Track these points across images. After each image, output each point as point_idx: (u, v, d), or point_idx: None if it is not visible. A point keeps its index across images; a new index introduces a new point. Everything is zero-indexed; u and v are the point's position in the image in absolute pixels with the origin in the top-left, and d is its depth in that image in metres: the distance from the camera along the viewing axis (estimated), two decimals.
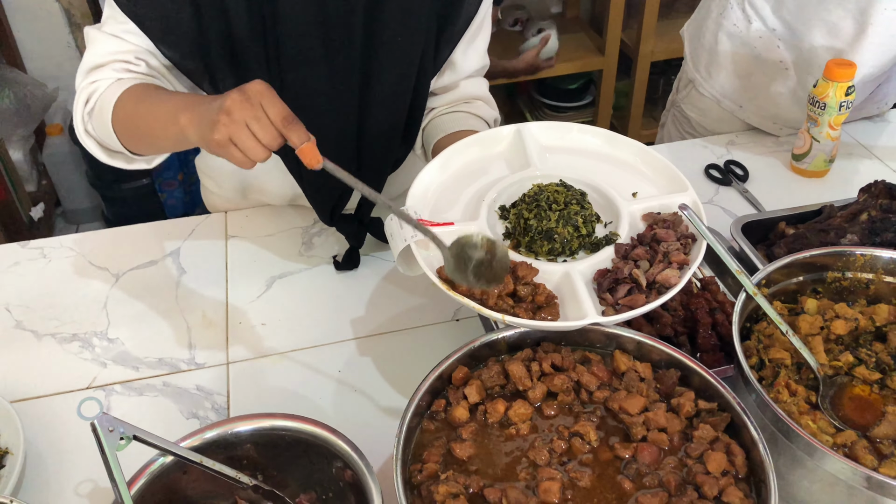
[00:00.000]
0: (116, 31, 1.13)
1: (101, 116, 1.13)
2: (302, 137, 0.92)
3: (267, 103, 0.90)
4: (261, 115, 0.90)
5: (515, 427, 0.90)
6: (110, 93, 1.11)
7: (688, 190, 1.07)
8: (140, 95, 1.10)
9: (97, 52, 1.15)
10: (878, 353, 0.99)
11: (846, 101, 1.44)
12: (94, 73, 1.14)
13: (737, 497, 0.80)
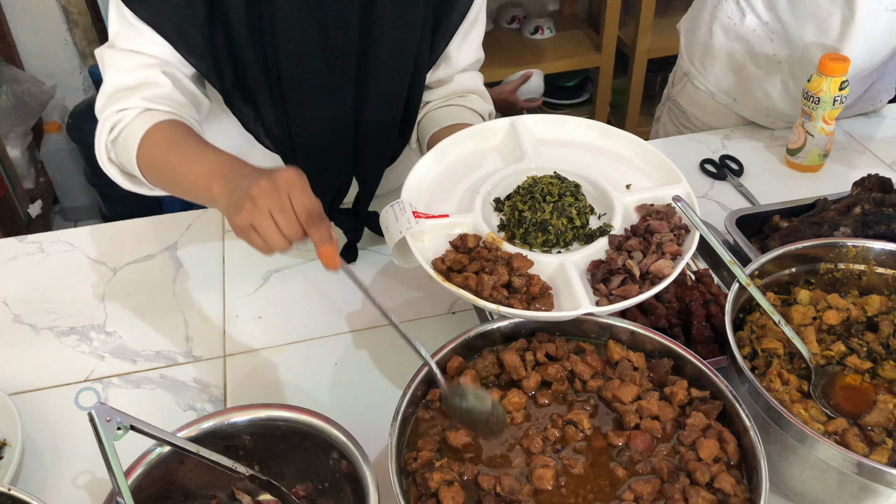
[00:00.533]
0: (132, 46, 1.11)
1: (125, 149, 1.10)
2: (324, 238, 0.90)
3: (295, 195, 0.89)
4: (287, 206, 0.88)
5: (510, 416, 0.91)
6: (137, 127, 1.08)
7: (681, 182, 1.08)
8: (171, 142, 1.07)
9: (119, 70, 1.12)
10: (869, 343, 1.00)
11: (840, 95, 1.45)
12: (122, 100, 1.10)
13: (728, 483, 0.81)
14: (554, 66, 3.03)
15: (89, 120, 2.72)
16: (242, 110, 1.22)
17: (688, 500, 0.80)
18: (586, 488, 0.83)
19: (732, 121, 1.72)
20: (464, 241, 1.04)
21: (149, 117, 1.09)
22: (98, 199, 2.94)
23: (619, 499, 0.81)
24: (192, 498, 0.98)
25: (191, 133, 1.10)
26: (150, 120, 1.09)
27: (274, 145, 1.27)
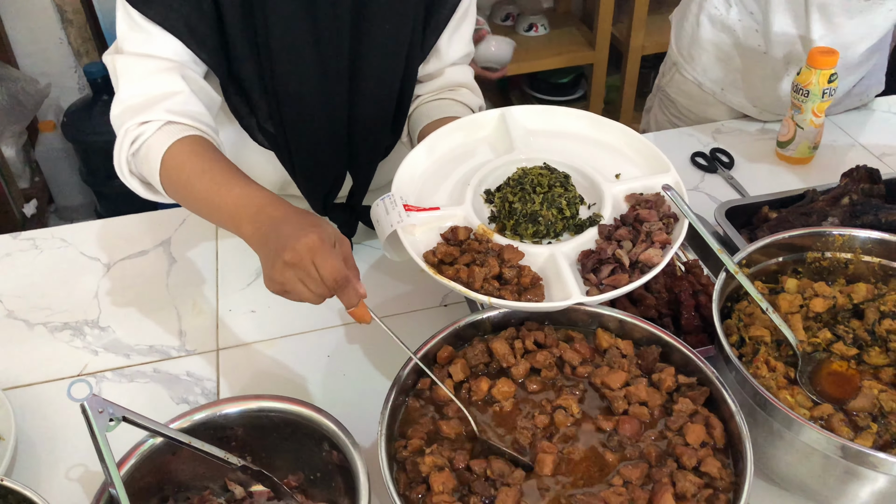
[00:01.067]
0: (143, 49, 1.09)
1: (147, 163, 1.08)
2: (352, 301, 0.92)
3: (319, 262, 0.89)
4: (313, 273, 0.89)
5: (499, 405, 0.91)
6: (159, 142, 1.06)
7: (670, 170, 1.08)
8: (196, 167, 1.05)
9: (133, 78, 1.09)
10: (855, 330, 1.01)
11: (829, 88, 1.46)
12: (144, 112, 1.07)
13: (715, 467, 0.82)
14: (548, 63, 3.04)
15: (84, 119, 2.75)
16: (237, 106, 1.23)
17: (675, 484, 0.81)
18: (576, 473, 0.84)
19: (720, 111, 1.73)
20: (455, 234, 1.05)
21: (171, 132, 1.07)
22: (94, 199, 2.94)
23: (609, 483, 0.82)
24: (184, 489, 0.98)
25: (215, 155, 1.07)
26: (172, 136, 1.06)
27: (268, 141, 1.27)
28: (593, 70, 3.10)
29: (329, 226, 0.94)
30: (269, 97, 1.20)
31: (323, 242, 0.89)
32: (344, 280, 0.90)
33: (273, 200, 0.99)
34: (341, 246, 0.92)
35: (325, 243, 0.89)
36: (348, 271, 0.91)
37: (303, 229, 0.90)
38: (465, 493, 0.83)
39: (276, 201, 0.98)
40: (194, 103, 1.11)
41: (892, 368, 0.98)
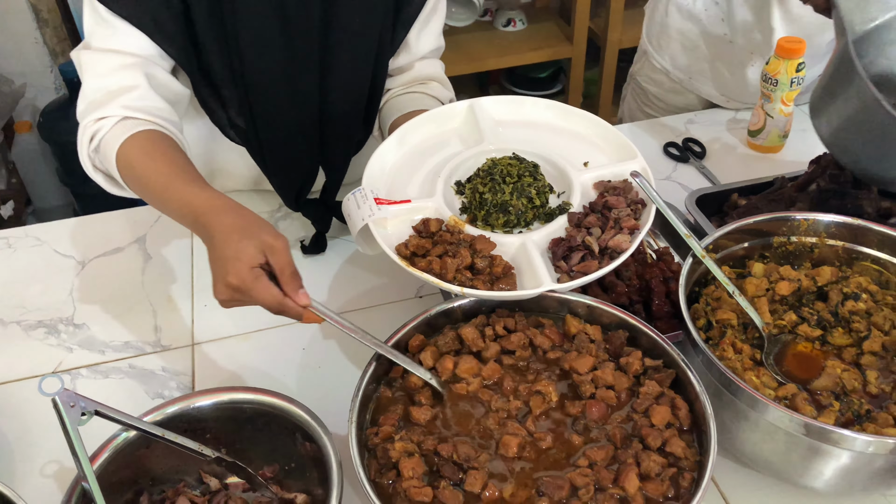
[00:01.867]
0: (109, 44, 1.10)
1: (107, 159, 1.10)
2: (297, 316, 0.93)
3: (252, 297, 0.91)
4: (252, 302, 0.92)
5: (466, 381, 0.92)
6: (114, 137, 1.08)
7: (637, 157, 1.10)
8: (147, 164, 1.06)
9: (96, 73, 1.11)
10: (819, 312, 1.03)
11: (797, 77, 1.48)
12: (101, 108, 1.09)
13: (679, 447, 0.83)
14: (527, 58, 3.05)
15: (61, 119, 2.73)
16: (208, 101, 1.23)
17: (640, 464, 0.82)
18: (543, 456, 0.85)
19: (689, 99, 1.76)
20: (426, 226, 1.06)
21: (127, 127, 1.08)
22: (72, 199, 2.93)
23: (574, 465, 0.84)
24: (159, 483, 0.99)
25: (167, 151, 1.08)
26: (128, 131, 1.08)
27: (239, 136, 1.28)
28: (571, 64, 3.11)
29: (254, 239, 0.92)
30: (239, 91, 1.20)
31: (243, 281, 0.90)
32: (279, 306, 0.91)
33: (206, 209, 0.98)
34: (273, 256, 0.92)
35: (245, 281, 0.90)
36: (284, 287, 0.91)
37: (223, 266, 0.91)
38: (434, 477, 0.84)
39: (215, 212, 0.97)
40: (153, 98, 1.11)
41: (854, 348, 1.00)
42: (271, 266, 0.92)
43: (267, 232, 0.93)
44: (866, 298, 1.03)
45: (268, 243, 0.92)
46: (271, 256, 0.92)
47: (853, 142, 1.18)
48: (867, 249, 1.08)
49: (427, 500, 0.80)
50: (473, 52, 3.00)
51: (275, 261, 0.92)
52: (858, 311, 1.02)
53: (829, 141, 1.23)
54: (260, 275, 0.90)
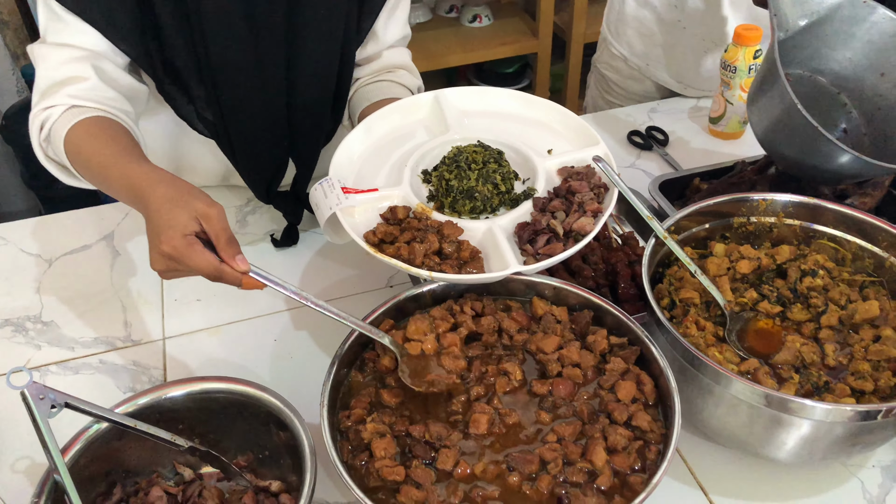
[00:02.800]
0: (62, 38, 1.11)
1: (55, 144, 1.11)
2: (235, 282, 0.93)
3: (186, 264, 0.91)
4: (188, 271, 0.93)
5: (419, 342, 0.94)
6: (62, 125, 1.09)
7: (599, 143, 1.12)
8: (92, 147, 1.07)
9: (48, 66, 1.12)
10: (779, 289, 1.06)
11: (755, 64, 1.52)
12: (49, 97, 1.11)
13: (645, 420, 0.86)
14: (493, 53, 3.08)
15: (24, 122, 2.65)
16: (174, 95, 1.23)
17: (607, 438, 0.84)
18: (513, 433, 0.87)
19: (647, 87, 1.79)
20: (394, 213, 1.07)
21: (73, 115, 1.10)
22: (38, 203, 2.89)
23: (543, 441, 0.85)
24: (133, 475, 0.99)
25: (111, 132, 1.10)
26: (73, 118, 1.09)
27: (207, 129, 1.28)
28: (537, 59, 3.14)
29: (188, 209, 0.92)
30: (206, 85, 1.20)
31: (177, 249, 0.90)
32: (216, 272, 0.92)
33: (141, 182, 0.99)
34: (209, 223, 0.92)
35: (179, 248, 0.90)
36: (221, 253, 0.92)
37: (157, 235, 0.91)
38: (406, 457, 0.85)
39: (150, 184, 0.98)
40: (102, 89, 1.13)
41: (812, 323, 1.03)
42: (207, 233, 0.93)
43: (200, 200, 0.94)
44: (823, 275, 1.06)
45: (201, 211, 0.92)
46: (206, 223, 0.92)
47: (780, 141, 1.23)
48: (824, 228, 1.11)
49: (400, 479, 0.81)
50: (440, 48, 3.01)
51: (209, 228, 0.92)
52: (816, 288, 1.05)
53: (761, 137, 1.27)
54: (193, 242, 0.91)
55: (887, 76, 1.28)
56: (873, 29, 1.27)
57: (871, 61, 1.29)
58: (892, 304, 1.03)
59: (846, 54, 1.31)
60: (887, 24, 1.25)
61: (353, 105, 1.35)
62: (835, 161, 1.12)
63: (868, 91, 1.31)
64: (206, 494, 0.97)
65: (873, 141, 1.32)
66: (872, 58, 1.29)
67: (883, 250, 1.06)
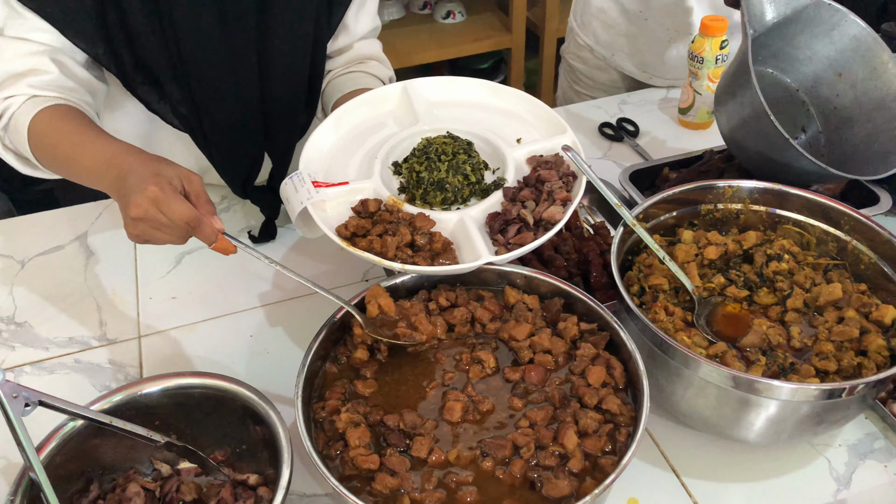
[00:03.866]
0: (19, 33, 1.11)
1: (17, 135, 1.12)
2: (210, 237, 0.95)
3: (166, 210, 0.92)
4: (164, 221, 0.93)
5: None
6: (24, 113, 1.10)
7: (567, 132, 1.13)
8: (59, 130, 1.09)
9: (5, 59, 1.13)
10: (746, 274, 1.08)
11: (721, 54, 1.54)
12: (8, 88, 1.12)
13: (615, 404, 0.87)
14: (467, 49, 3.09)
15: None
16: (145, 92, 1.23)
17: (578, 422, 0.85)
18: (486, 420, 0.88)
19: (613, 77, 1.82)
20: (365, 206, 1.08)
21: (35, 103, 1.11)
22: (10, 206, 2.86)
23: (516, 426, 0.87)
24: (110, 472, 0.99)
25: (78, 118, 1.11)
26: (36, 106, 1.10)
27: (182, 124, 1.28)
28: (511, 54, 3.16)
29: (173, 167, 0.96)
30: (180, 82, 1.20)
31: (164, 191, 0.92)
32: (195, 220, 0.94)
33: (121, 151, 1.02)
34: (189, 184, 0.96)
35: (166, 191, 0.92)
36: (199, 210, 0.94)
37: (143, 180, 0.93)
38: (381, 446, 0.86)
39: (123, 152, 1.01)
40: (62, 81, 1.14)
41: (779, 307, 1.05)
42: (187, 192, 0.95)
43: (181, 167, 0.98)
44: (788, 259, 1.08)
45: (184, 172, 0.96)
46: (188, 184, 0.96)
47: (745, 142, 1.26)
48: (789, 213, 1.13)
49: (374, 467, 0.82)
50: (414, 45, 3.02)
51: (192, 187, 0.96)
52: (781, 272, 1.07)
53: (727, 136, 1.31)
54: (178, 190, 0.94)
55: (844, 77, 1.32)
56: (835, 30, 1.30)
57: (831, 61, 1.33)
58: (855, 286, 1.06)
59: (807, 53, 1.34)
60: (849, 26, 1.29)
61: (326, 97, 1.36)
62: (798, 166, 1.15)
63: (825, 91, 1.35)
64: (184, 489, 0.97)
65: (829, 139, 1.35)
66: (832, 58, 1.33)
67: (845, 234, 1.09)
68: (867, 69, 1.30)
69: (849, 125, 1.33)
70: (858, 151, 1.30)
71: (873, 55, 1.29)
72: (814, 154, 1.21)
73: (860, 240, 1.07)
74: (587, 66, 1.86)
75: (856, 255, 1.08)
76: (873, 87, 1.29)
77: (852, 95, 1.32)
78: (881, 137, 1.27)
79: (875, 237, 1.05)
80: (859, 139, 1.31)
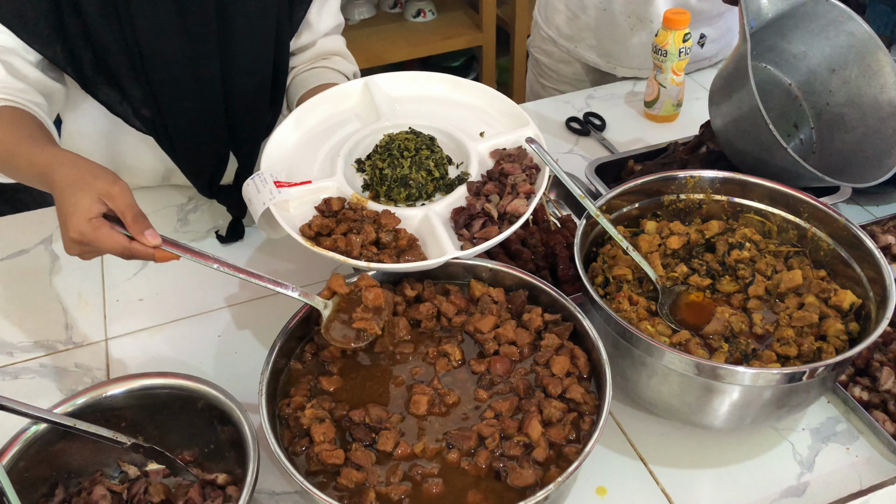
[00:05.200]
0: None
1: None
2: (148, 257, 0.94)
3: (97, 246, 0.92)
4: (99, 252, 0.94)
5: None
6: None
7: (529, 124, 1.14)
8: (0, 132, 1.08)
9: None
10: (708, 263, 1.09)
11: (684, 47, 1.56)
12: None
13: (579, 392, 0.88)
14: (438, 47, 3.09)
15: None
16: (106, 93, 1.22)
17: (542, 412, 0.86)
18: (452, 412, 0.89)
19: (577, 69, 1.84)
20: (329, 205, 1.07)
21: None
22: None
23: (481, 417, 0.87)
24: (76, 476, 0.98)
25: (19, 121, 1.09)
26: None
27: (144, 126, 1.27)
28: (483, 52, 3.17)
29: (93, 185, 0.93)
30: (141, 83, 1.20)
31: (91, 227, 0.91)
32: (127, 251, 0.93)
33: (51, 163, 0.99)
34: (113, 202, 0.93)
35: (92, 227, 0.91)
36: (129, 229, 0.93)
37: (70, 215, 0.92)
38: (347, 441, 0.86)
39: (54, 164, 0.99)
40: (10, 82, 1.13)
41: (741, 294, 1.07)
42: (113, 212, 0.94)
43: (102, 179, 0.94)
44: (750, 247, 1.10)
45: (103, 190, 0.93)
46: (110, 202, 0.93)
47: (739, 140, 1.26)
48: (750, 202, 1.15)
49: (339, 462, 0.82)
50: (385, 44, 3.02)
51: (115, 206, 0.93)
52: (743, 260, 1.09)
53: (719, 132, 1.31)
54: (99, 225, 0.92)
55: (838, 73, 1.32)
56: (831, 27, 1.30)
57: (825, 57, 1.33)
58: (815, 272, 1.07)
59: (802, 48, 1.35)
60: (846, 23, 1.29)
61: (291, 94, 1.36)
62: (791, 170, 1.16)
63: (819, 86, 1.35)
64: (152, 491, 0.97)
65: (820, 136, 1.36)
66: (826, 53, 1.33)
67: (805, 221, 1.10)
68: (862, 67, 1.30)
69: (841, 124, 1.33)
70: (851, 153, 1.30)
71: (869, 53, 1.29)
72: (805, 152, 1.21)
73: (819, 227, 1.09)
74: (552, 59, 1.88)
75: (815, 241, 1.09)
76: (867, 85, 1.29)
77: (846, 93, 1.32)
78: (874, 138, 1.27)
79: (833, 223, 1.07)
80: (852, 140, 1.31)
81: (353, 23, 3.10)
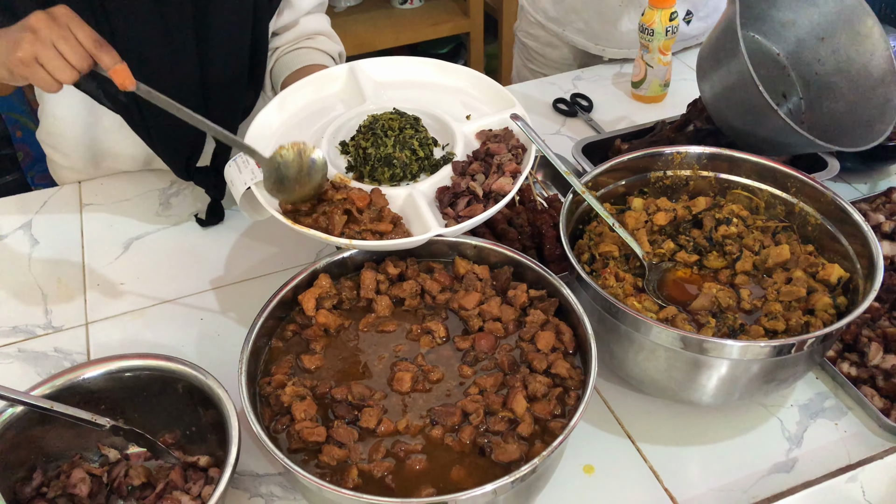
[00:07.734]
0: None
1: None
2: (115, 59, 0.91)
3: (75, 26, 0.89)
4: (69, 35, 0.89)
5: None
6: None
7: (515, 105, 1.13)
8: None
9: None
10: (695, 239, 1.08)
11: (671, 26, 1.54)
12: None
13: (564, 368, 0.87)
14: (425, 34, 3.07)
15: None
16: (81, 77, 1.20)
17: (527, 387, 0.85)
18: (436, 389, 0.87)
19: (564, 53, 1.82)
20: None
21: None
22: None
23: (465, 393, 0.86)
24: (56, 459, 0.96)
25: None
26: None
27: (121, 112, 1.25)
28: (470, 39, 3.15)
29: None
30: None
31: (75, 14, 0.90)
32: (102, 41, 0.90)
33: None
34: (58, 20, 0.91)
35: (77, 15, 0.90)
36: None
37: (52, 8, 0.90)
38: (330, 418, 0.85)
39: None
40: None
41: (728, 270, 1.06)
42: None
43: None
44: (737, 223, 1.09)
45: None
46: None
47: (729, 109, 1.25)
48: (738, 178, 1.14)
49: (321, 439, 0.81)
50: (372, 31, 2.99)
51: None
52: (731, 235, 1.08)
53: (709, 103, 1.30)
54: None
55: (827, 41, 1.31)
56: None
57: (814, 26, 1.32)
58: (803, 247, 1.06)
59: (790, 17, 1.33)
60: None
61: (275, 75, 1.34)
62: (782, 136, 1.14)
63: (807, 55, 1.34)
64: (133, 473, 0.96)
65: (809, 106, 1.35)
66: (816, 22, 1.32)
67: (792, 196, 1.09)
68: (851, 34, 1.28)
69: (830, 92, 1.32)
70: (840, 121, 1.28)
71: (858, 20, 1.27)
72: (794, 121, 1.20)
73: (807, 201, 1.08)
74: (539, 42, 1.86)
75: (803, 216, 1.08)
76: (856, 52, 1.28)
77: (835, 61, 1.31)
78: (865, 106, 1.25)
79: (820, 198, 1.06)
80: (842, 108, 1.29)
81: (339, 10, 3.07)
